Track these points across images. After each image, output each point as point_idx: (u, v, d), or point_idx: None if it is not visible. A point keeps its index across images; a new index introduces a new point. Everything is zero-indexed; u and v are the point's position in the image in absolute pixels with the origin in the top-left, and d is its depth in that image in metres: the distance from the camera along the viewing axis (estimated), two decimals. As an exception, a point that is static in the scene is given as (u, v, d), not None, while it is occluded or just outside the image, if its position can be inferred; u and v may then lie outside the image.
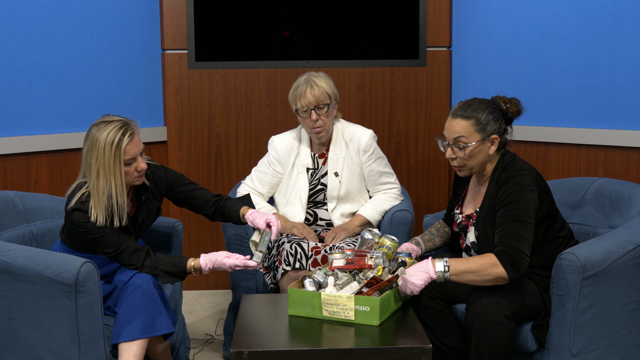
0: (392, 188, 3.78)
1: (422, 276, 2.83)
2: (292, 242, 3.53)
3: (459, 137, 2.99)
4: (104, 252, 3.05)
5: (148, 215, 3.23)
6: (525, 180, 2.91)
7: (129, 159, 3.00)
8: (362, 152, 3.72)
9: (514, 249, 2.81)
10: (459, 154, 3.01)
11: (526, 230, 2.84)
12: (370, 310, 2.75)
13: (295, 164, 3.77)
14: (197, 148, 4.70)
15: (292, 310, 2.89)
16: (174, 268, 3.06)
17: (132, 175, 3.04)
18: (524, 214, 2.85)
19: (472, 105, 3.00)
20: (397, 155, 4.76)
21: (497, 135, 3.00)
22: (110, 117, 3.04)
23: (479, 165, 3.04)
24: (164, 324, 3.02)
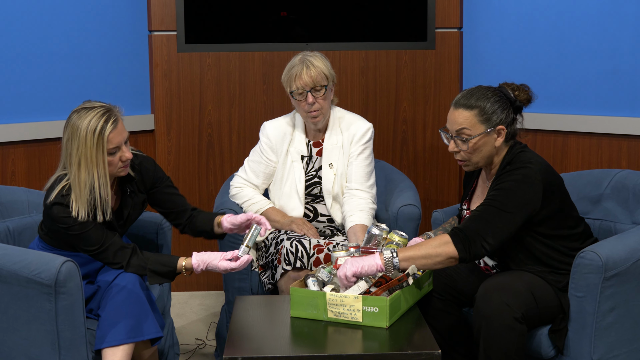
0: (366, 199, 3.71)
1: (359, 264, 2.85)
2: (292, 239, 3.51)
3: (461, 129, 2.98)
4: (86, 249, 3.02)
5: (133, 208, 3.21)
6: (528, 173, 2.91)
7: (112, 147, 2.98)
8: (355, 142, 3.72)
9: (472, 230, 2.84)
10: (462, 147, 3.00)
11: (500, 219, 2.85)
12: (379, 311, 2.75)
13: (289, 151, 3.76)
14: (187, 138, 4.69)
15: (294, 312, 2.88)
16: (163, 268, 3.04)
17: (116, 165, 3.02)
18: (508, 204, 2.86)
19: (475, 93, 2.99)
20: (403, 145, 4.75)
21: (504, 126, 3.00)
22: (91, 103, 3.02)
23: (485, 158, 3.03)
24: (151, 327, 3.00)
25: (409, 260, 2.85)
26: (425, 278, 3.08)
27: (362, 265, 2.85)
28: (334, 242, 3.53)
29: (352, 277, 2.84)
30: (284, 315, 2.93)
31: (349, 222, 3.62)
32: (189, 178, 4.72)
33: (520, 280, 2.92)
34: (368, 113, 4.68)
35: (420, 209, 3.71)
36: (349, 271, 2.84)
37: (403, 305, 2.88)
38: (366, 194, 3.70)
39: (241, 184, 3.83)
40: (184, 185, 4.71)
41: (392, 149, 4.76)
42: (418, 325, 2.83)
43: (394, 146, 4.74)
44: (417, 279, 2.96)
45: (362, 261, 2.86)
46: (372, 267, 2.85)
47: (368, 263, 2.86)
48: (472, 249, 2.83)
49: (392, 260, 2.84)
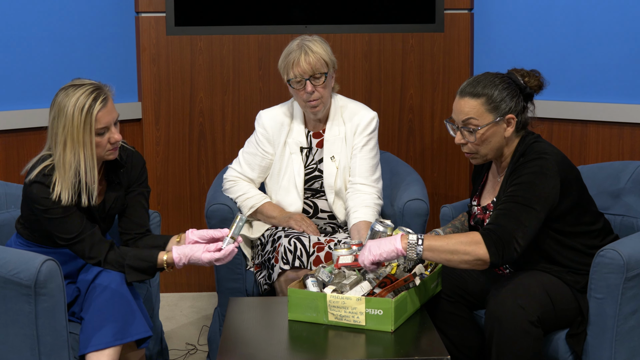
0: (372, 194, 3.71)
1: (380, 249, 2.84)
2: (290, 236, 3.51)
3: (468, 119, 2.98)
4: (62, 237, 3.03)
5: (115, 202, 3.22)
6: (545, 164, 2.90)
7: (101, 127, 2.98)
8: (358, 132, 3.71)
9: (506, 231, 2.82)
10: (469, 139, 3.00)
11: (528, 217, 2.84)
12: (383, 314, 2.75)
13: (287, 142, 3.76)
14: (177, 127, 4.69)
15: (292, 315, 2.88)
16: (142, 263, 3.04)
17: (104, 147, 3.03)
18: (533, 199, 2.85)
19: (482, 81, 2.99)
20: (409, 135, 4.75)
21: (514, 115, 2.99)
22: (80, 80, 3.03)
23: (494, 150, 3.03)
24: (139, 327, 3.01)
25: (434, 251, 2.83)
26: (434, 278, 3.08)
27: (380, 252, 2.85)
28: (336, 240, 3.53)
29: (372, 267, 2.87)
30: (281, 318, 2.92)
31: (353, 219, 3.61)
32: (179, 171, 4.72)
33: (536, 280, 2.92)
34: (372, 101, 4.67)
35: (427, 204, 3.71)
36: (368, 260, 2.86)
37: (409, 307, 2.88)
38: (371, 188, 3.70)
39: (235, 177, 3.82)
40: (174, 178, 4.72)
41: (398, 140, 4.75)
42: (425, 329, 2.82)
43: (400, 137, 4.73)
44: (424, 279, 2.96)
45: (379, 247, 2.86)
46: (392, 253, 2.85)
47: (387, 249, 2.86)
48: (505, 254, 2.81)
49: (416, 248, 2.83)
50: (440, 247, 2.83)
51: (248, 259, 3.75)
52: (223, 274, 3.72)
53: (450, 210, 3.63)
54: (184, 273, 4.85)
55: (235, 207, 3.78)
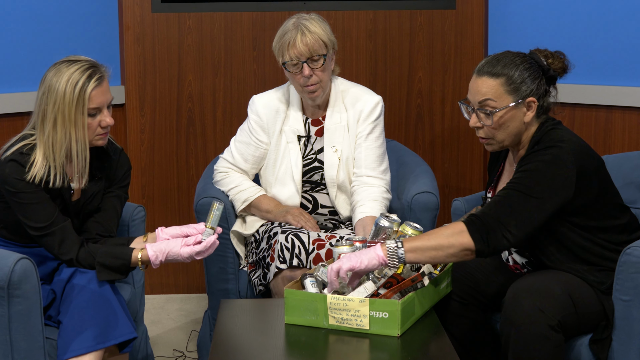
0: (379, 187, 3.73)
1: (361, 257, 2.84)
2: (287, 232, 3.52)
3: (485, 100, 2.98)
4: (32, 226, 3.04)
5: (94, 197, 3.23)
6: (559, 153, 2.91)
7: (93, 108, 3.01)
8: (362, 119, 3.72)
9: (492, 217, 2.85)
10: (485, 122, 3.00)
11: (526, 207, 2.86)
12: (389, 317, 2.75)
13: (283, 130, 3.76)
14: (164, 113, 4.69)
15: (289, 318, 2.88)
16: (114, 260, 3.03)
17: (94, 130, 3.05)
18: (536, 188, 2.86)
19: (502, 60, 3.00)
20: (418, 122, 4.75)
21: (535, 98, 3.00)
22: (75, 56, 3.08)
23: (512, 136, 3.03)
24: (123, 328, 3.01)
25: (417, 251, 2.84)
26: (444, 278, 3.09)
27: (361, 260, 2.84)
28: (338, 236, 3.53)
29: (345, 275, 2.84)
30: (277, 322, 2.93)
31: (358, 213, 3.62)
32: (165, 161, 4.73)
33: (556, 281, 2.92)
34: (377, 85, 4.68)
35: (438, 197, 3.71)
36: (345, 265, 2.83)
37: (417, 309, 2.89)
38: (379, 180, 3.70)
39: (227, 168, 3.83)
40: (160, 169, 4.73)
41: (405, 127, 4.76)
42: (435, 334, 2.83)
43: (408, 123, 4.74)
44: (433, 279, 2.97)
45: (360, 254, 2.86)
46: (373, 260, 2.84)
47: (368, 256, 2.85)
48: (491, 240, 2.83)
49: (397, 251, 2.84)
50: (422, 246, 2.85)
51: (241, 258, 3.76)
52: (214, 274, 3.73)
53: (462, 203, 3.63)
54: (170, 273, 4.86)
55: (228, 201, 3.78)
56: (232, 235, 3.72)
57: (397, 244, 2.84)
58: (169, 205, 4.78)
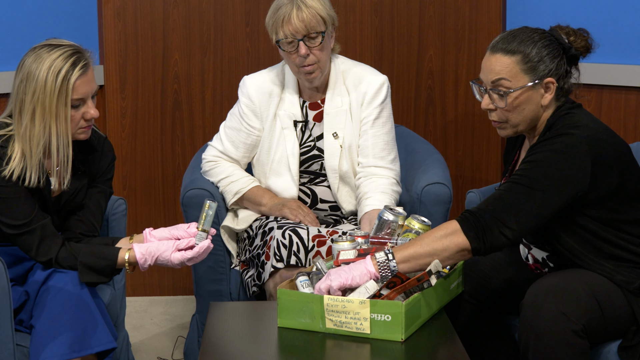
0: (389, 178, 3.75)
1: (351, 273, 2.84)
2: (284, 228, 3.53)
3: (498, 79, 2.99)
4: (9, 224, 3.04)
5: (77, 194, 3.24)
6: (571, 141, 2.91)
7: (77, 99, 3.01)
8: (367, 103, 3.72)
9: (487, 213, 2.87)
10: (498, 104, 3.01)
11: (528, 200, 2.87)
12: (392, 320, 2.75)
13: (277, 115, 3.77)
14: (147, 96, 4.71)
15: (282, 321, 2.89)
16: (98, 261, 3.04)
17: (76, 123, 3.05)
18: (541, 181, 2.87)
19: (518, 36, 3.00)
20: (428, 105, 4.77)
21: (554, 79, 3.00)
22: (57, 40, 3.06)
23: (528, 120, 3.04)
24: (101, 337, 3.02)
25: (410, 260, 2.86)
26: (454, 277, 3.10)
27: (352, 276, 2.85)
28: (340, 232, 3.56)
29: (337, 293, 2.83)
30: (271, 326, 2.93)
31: (365, 206, 3.62)
32: (148, 149, 4.75)
33: (580, 281, 2.91)
34: (382, 65, 4.68)
35: (450, 188, 3.73)
36: (335, 283, 2.84)
37: (424, 312, 2.89)
38: (388, 171, 3.72)
39: (216, 156, 3.85)
40: (143, 158, 4.75)
41: (415, 111, 4.78)
42: (444, 339, 2.84)
43: (417, 107, 4.75)
44: (442, 278, 2.98)
45: (349, 270, 2.86)
46: (364, 277, 2.85)
47: (358, 272, 2.86)
48: (487, 238, 2.85)
49: (389, 264, 2.85)
50: (415, 254, 2.87)
51: (233, 256, 3.78)
52: (202, 274, 3.74)
53: (477, 196, 3.63)
54: (154, 273, 4.88)
55: (218, 192, 3.80)
56: (223, 230, 3.73)
57: (387, 256, 2.85)
58: (153, 197, 4.80)
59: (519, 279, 3.20)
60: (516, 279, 3.21)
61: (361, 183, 3.70)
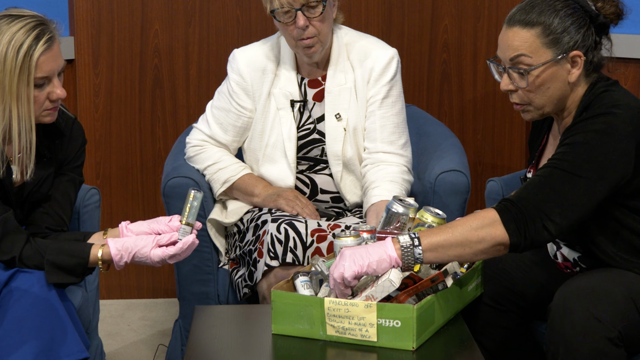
0: (399, 165, 3.74)
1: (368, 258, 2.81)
2: (279, 221, 3.54)
3: (518, 56, 2.98)
4: None
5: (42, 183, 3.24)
6: (614, 121, 2.90)
7: (41, 77, 3.01)
8: (374, 80, 3.72)
9: (530, 203, 2.84)
10: (519, 84, 3.01)
11: (574, 189, 2.85)
12: (402, 326, 2.75)
13: (272, 93, 3.77)
14: (124, 71, 4.72)
15: (277, 327, 2.89)
16: (68, 259, 3.03)
17: (41, 104, 3.05)
18: (584, 166, 2.86)
19: (538, 5, 2.99)
20: (443, 83, 4.78)
21: (581, 52, 2.99)
22: (17, 10, 3.05)
23: (554, 101, 3.03)
24: (71, 346, 3.01)
25: (438, 249, 2.83)
26: (472, 278, 3.10)
27: (368, 262, 2.81)
28: (343, 225, 3.56)
29: (353, 282, 2.81)
30: (265, 332, 2.94)
31: (371, 197, 3.63)
32: (125, 132, 4.77)
33: (616, 282, 2.92)
34: (391, 36, 4.70)
35: (468, 177, 3.75)
36: (348, 272, 2.81)
37: (438, 317, 2.89)
38: (398, 157, 3.72)
39: (202, 140, 3.86)
40: (119, 142, 4.76)
41: (428, 89, 4.79)
42: (461, 347, 2.85)
43: (430, 85, 4.76)
44: (459, 278, 2.98)
45: (366, 254, 2.83)
46: (383, 263, 2.81)
47: (376, 256, 2.82)
48: (529, 231, 2.83)
49: (413, 251, 2.82)
50: (445, 242, 2.83)
51: (221, 253, 3.80)
52: (186, 273, 3.76)
53: (499, 185, 3.65)
54: (132, 273, 4.90)
55: (204, 181, 3.81)
56: (210, 224, 3.75)
57: (412, 241, 2.83)
58: (130, 187, 4.81)
59: (547, 279, 3.20)
60: (543, 279, 3.21)
61: (367, 171, 3.71)
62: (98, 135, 4.73)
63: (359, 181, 3.77)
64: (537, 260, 3.26)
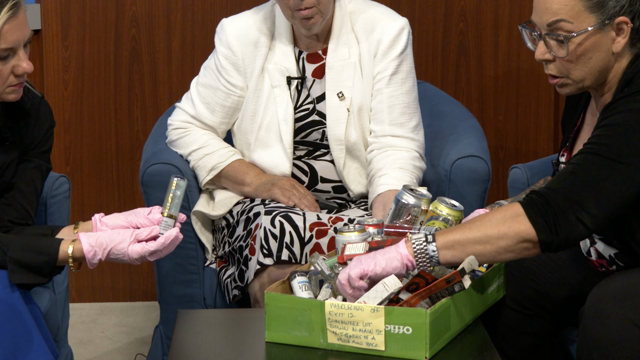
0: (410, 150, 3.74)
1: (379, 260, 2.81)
2: (273, 213, 3.55)
3: (557, 21, 2.97)
4: None
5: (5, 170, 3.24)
6: None
7: (5, 48, 3.01)
8: (382, 54, 3.73)
9: (562, 195, 2.83)
10: (557, 53, 3.00)
11: (610, 176, 2.84)
12: (413, 333, 2.75)
13: (265, 69, 3.78)
14: (97, 44, 4.73)
15: (272, 334, 2.90)
16: (34, 256, 3.02)
17: (4, 80, 3.05)
18: (623, 149, 2.85)
19: None
20: (460, 57, 4.80)
21: (628, 18, 2.98)
22: None
23: (595, 73, 3.02)
24: (37, 355, 3.01)
25: (455, 247, 2.83)
26: (493, 278, 3.10)
27: (375, 261, 2.81)
28: (346, 218, 3.57)
29: (359, 283, 2.81)
30: (256, 341, 2.94)
31: (378, 187, 3.64)
32: (98, 113, 4.78)
33: (656, 283, 2.93)
34: (401, 4, 4.71)
35: (489, 163, 3.76)
36: (354, 271, 2.81)
37: (454, 322, 2.89)
38: (409, 142, 3.73)
39: (186, 122, 3.87)
40: (92, 124, 4.77)
41: (442, 64, 4.81)
42: (481, 357, 2.85)
43: (445, 59, 4.78)
44: (478, 278, 2.98)
45: (374, 254, 2.84)
46: (394, 261, 2.81)
47: (387, 255, 2.82)
48: (561, 227, 2.81)
49: (426, 248, 2.82)
50: (463, 239, 2.83)
51: (207, 250, 3.81)
52: (168, 273, 3.78)
53: (523, 172, 3.66)
54: (106, 272, 4.92)
55: (188, 168, 3.82)
56: (195, 217, 3.76)
57: (426, 239, 2.83)
58: (105, 174, 4.83)
59: (579, 279, 3.20)
60: (574, 280, 3.21)
61: (374, 157, 3.72)
62: (68, 116, 4.75)
63: (364, 169, 3.79)
64: (568, 258, 3.25)
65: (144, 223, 3.08)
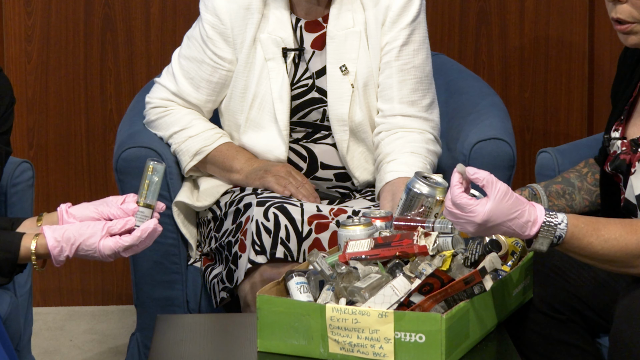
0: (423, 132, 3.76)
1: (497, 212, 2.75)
2: (267, 204, 3.57)
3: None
4: None
5: None
6: None
7: None
8: (390, 23, 3.73)
9: None
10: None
11: None
12: (427, 341, 2.75)
13: (258, 39, 3.79)
14: (65, 9, 4.75)
15: (264, 343, 2.90)
16: None
17: None
18: None
19: None
20: (480, 25, 4.81)
21: None
22: None
23: None
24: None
25: (585, 248, 2.82)
26: (519, 278, 3.09)
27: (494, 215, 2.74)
28: (350, 210, 3.59)
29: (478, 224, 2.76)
30: (247, 349, 2.95)
31: (387, 174, 3.66)
32: (66, 88, 4.80)
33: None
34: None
35: (513, 146, 3.79)
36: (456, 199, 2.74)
37: (474, 329, 2.90)
38: (422, 122, 3.75)
39: (167, 100, 3.88)
40: (58, 103, 4.79)
41: (460, 34, 4.83)
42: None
43: (464, 28, 4.80)
44: (501, 279, 2.98)
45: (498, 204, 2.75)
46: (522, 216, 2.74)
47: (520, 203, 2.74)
48: None
49: (555, 230, 2.77)
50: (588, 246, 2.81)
51: (191, 246, 3.83)
52: (145, 272, 3.80)
53: (553, 157, 3.70)
54: (75, 272, 4.94)
55: (169, 153, 3.83)
56: (177, 209, 3.77)
57: (562, 219, 2.78)
58: (73, 160, 4.85)
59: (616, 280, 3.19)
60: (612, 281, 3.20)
61: (382, 140, 3.74)
62: (31, 93, 4.76)
63: (371, 153, 3.81)
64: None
65: (117, 214, 3.07)
